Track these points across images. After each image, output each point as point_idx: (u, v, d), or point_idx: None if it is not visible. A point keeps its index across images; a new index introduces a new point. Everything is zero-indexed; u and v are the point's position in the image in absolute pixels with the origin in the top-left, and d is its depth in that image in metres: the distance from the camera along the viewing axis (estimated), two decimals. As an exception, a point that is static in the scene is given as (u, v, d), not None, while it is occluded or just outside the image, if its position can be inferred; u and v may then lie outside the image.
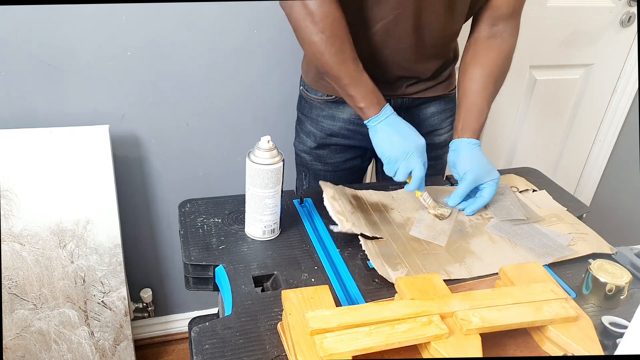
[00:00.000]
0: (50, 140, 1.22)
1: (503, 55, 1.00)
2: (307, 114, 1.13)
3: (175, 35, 1.25)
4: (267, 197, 0.82)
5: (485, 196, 0.96)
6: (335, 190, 0.94)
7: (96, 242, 1.33)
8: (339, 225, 0.83)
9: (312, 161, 1.16)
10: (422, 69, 1.05)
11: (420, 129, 1.13)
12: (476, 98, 0.98)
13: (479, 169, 0.95)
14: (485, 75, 0.99)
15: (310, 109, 1.12)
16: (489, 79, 0.99)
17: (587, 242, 0.89)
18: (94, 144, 1.25)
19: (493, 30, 0.99)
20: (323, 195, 0.91)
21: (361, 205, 0.95)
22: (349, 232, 0.83)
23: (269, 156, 0.80)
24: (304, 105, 1.15)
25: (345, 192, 0.97)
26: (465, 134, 0.97)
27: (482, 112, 0.98)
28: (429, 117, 1.13)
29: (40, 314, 1.34)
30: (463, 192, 0.95)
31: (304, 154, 1.17)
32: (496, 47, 1.00)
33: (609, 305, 0.76)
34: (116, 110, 1.30)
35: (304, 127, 1.15)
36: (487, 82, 0.98)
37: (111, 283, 1.38)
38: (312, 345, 0.58)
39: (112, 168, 1.28)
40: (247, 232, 0.87)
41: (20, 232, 1.26)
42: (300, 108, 1.17)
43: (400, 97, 1.08)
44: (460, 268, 0.82)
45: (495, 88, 1.00)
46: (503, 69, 1.01)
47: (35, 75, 1.20)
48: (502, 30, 0.99)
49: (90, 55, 1.21)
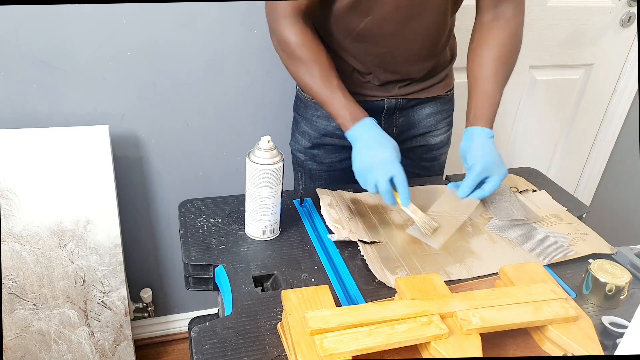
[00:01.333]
0: (50, 140, 1.22)
1: (509, 35, 0.96)
2: (302, 113, 1.13)
3: (175, 35, 1.25)
4: (267, 197, 0.82)
5: (486, 190, 0.91)
6: (332, 197, 0.94)
7: (96, 242, 1.33)
8: (335, 234, 0.84)
9: (308, 161, 1.16)
10: (412, 70, 1.04)
11: (416, 130, 1.13)
12: (487, 84, 0.95)
13: (489, 161, 0.91)
14: (493, 58, 0.95)
15: (305, 108, 1.12)
16: (498, 62, 0.95)
17: (587, 242, 0.89)
18: (94, 144, 1.25)
19: (496, 12, 0.97)
20: (320, 204, 0.91)
21: (360, 209, 0.95)
22: (347, 239, 0.84)
23: (269, 156, 0.80)
24: (299, 105, 1.15)
25: (343, 197, 0.97)
26: (478, 121, 0.94)
27: (495, 99, 0.95)
28: (424, 118, 1.12)
29: (40, 314, 1.34)
30: (472, 183, 0.90)
31: (299, 154, 1.17)
32: (501, 28, 0.96)
33: (609, 305, 0.76)
34: (116, 110, 1.30)
35: (299, 127, 1.15)
36: (496, 65, 0.95)
37: (111, 283, 1.38)
38: (312, 345, 0.58)
39: (112, 168, 1.28)
40: (247, 232, 0.87)
41: (20, 232, 1.26)
42: (295, 108, 1.17)
43: (394, 97, 1.07)
44: (460, 268, 0.82)
45: (505, 70, 0.97)
46: (511, 50, 0.97)
47: (35, 75, 1.20)
48: (504, 11, 0.96)
49: (90, 55, 1.21)
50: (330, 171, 1.15)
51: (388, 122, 1.11)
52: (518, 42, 0.98)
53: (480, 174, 0.91)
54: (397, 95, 1.07)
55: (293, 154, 1.19)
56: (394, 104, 1.08)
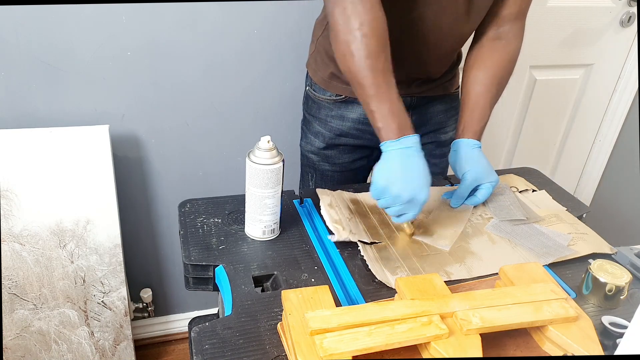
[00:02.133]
0: (50, 140, 1.22)
1: (507, 58, 0.99)
2: (315, 114, 1.13)
3: (175, 36, 1.25)
4: (267, 197, 0.82)
5: (479, 197, 0.95)
6: (332, 197, 0.94)
7: (96, 242, 1.33)
8: (335, 234, 0.84)
9: (320, 162, 1.15)
10: (435, 70, 1.05)
11: (427, 127, 1.14)
12: (479, 100, 0.98)
13: (478, 170, 0.94)
14: (488, 77, 0.98)
15: (319, 109, 1.11)
16: (492, 81, 0.98)
17: (586, 242, 0.89)
18: (94, 144, 1.25)
19: (498, 32, 0.99)
20: (320, 204, 0.91)
21: (360, 210, 0.95)
22: (347, 240, 0.84)
23: (269, 156, 0.80)
24: (311, 106, 1.14)
25: (343, 198, 0.97)
26: (466, 134, 0.97)
27: (484, 114, 0.98)
28: (435, 114, 1.13)
29: (40, 314, 1.34)
30: (464, 192, 0.95)
31: (311, 155, 1.16)
32: (500, 49, 0.99)
33: (609, 305, 0.76)
34: (116, 110, 1.30)
35: (312, 128, 1.14)
36: (490, 84, 0.98)
37: (111, 283, 1.38)
38: (312, 345, 0.58)
39: (112, 168, 1.28)
40: (247, 232, 0.87)
41: (20, 232, 1.26)
42: (307, 109, 1.16)
43: (410, 95, 1.07)
44: (460, 268, 0.82)
45: (498, 90, 0.99)
46: (506, 72, 1.00)
47: (35, 75, 1.20)
48: (507, 31, 0.98)
49: (90, 55, 1.21)
50: (342, 171, 1.16)
51: None
52: (514, 64, 1.01)
53: (471, 184, 0.94)
54: (412, 93, 1.07)
55: (304, 155, 1.19)
56: (409, 101, 1.08)
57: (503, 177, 1.09)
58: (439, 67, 1.05)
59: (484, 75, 0.98)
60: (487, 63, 0.99)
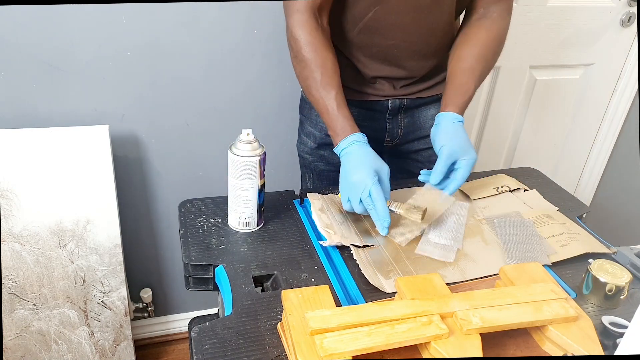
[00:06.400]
0: (50, 140, 1.22)
1: (492, 36, 0.99)
2: (307, 115, 1.14)
3: (175, 35, 1.25)
4: (241, 189, 0.85)
5: (458, 178, 0.91)
6: (323, 200, 0.94)
7: (96, 242, 1.33)
8: (327, 239, 0.84)
9: (315, 162, 1.16)
10: (416, 67, 1.05)
11: (422, 132, 1.13)
12: (463, 76, 0.97)
13: (455, 145, 0.91)
14: (473, 55, 0.98)
15: (310, 109, 1.12)
16: (478, 59, 0.98)
17: (579, 241, 0.89)
18: (94, 144, 1.25)
19: (483, 12, 1.00)
20: (311, 209, 0.91)
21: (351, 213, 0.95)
22: (339, 244, 0.84)
23: (248, 149, 0.83)
24: (303, 107, 1.15)
25: (335, 201, 0.96)
26: (448, 108, 0.95)
27: (468, 90, 0.97)
28: (429, 118, 1.13)
29: (40, 314, 1.34)
30: (441, 168, 0.91)
31: (306, 155, 1.17)
32: (485, 27, 0.99)
33: (609, 305, 0.76)
34: (116, 110, 1.30)
35: (304, 128, 1.15)
36: (475, 62, 0.98)
37: (111, 283, 1.38)
38: (312, 345, 0.58)
39: (112, 168, 1.28)
40: (229, 222, 0.90)
41: (20, 232, 1.26)
42: (301, 110, 1.17)
43: (398, 97, 1.08)
44: (454, 271, 0.81)
45: (483, 67, 0.99)
46: (492, 50, 1.00)
47: (35, 75, 1.20)
48: (492, 11, 0.99)
49: (90, 55, 1.21)
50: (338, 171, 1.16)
51: (393, 123, 1.11)
52: (500, 43, 1.01)
53: (448, 157, 0.91)
54: (401, 95, 1.07)
55: (300, 155, 1.19)
56: (398, 104, 1.08)
57: (494, 177, 1.09)
58: (419, 64, 1.05)
59: (468, 53, 0.98)
60: (472, 41, 0.99)
